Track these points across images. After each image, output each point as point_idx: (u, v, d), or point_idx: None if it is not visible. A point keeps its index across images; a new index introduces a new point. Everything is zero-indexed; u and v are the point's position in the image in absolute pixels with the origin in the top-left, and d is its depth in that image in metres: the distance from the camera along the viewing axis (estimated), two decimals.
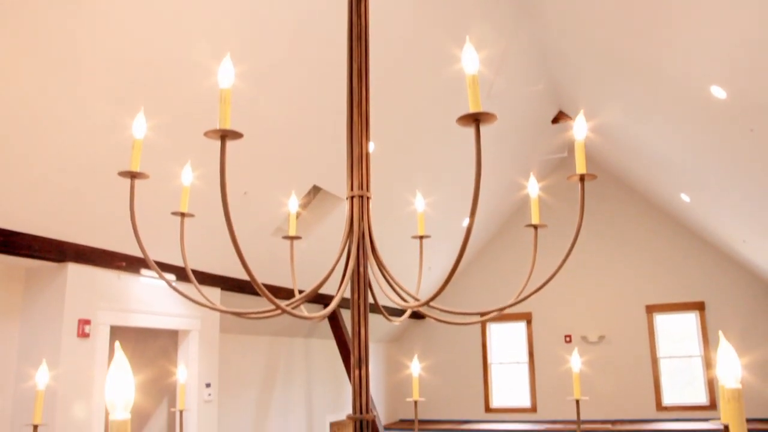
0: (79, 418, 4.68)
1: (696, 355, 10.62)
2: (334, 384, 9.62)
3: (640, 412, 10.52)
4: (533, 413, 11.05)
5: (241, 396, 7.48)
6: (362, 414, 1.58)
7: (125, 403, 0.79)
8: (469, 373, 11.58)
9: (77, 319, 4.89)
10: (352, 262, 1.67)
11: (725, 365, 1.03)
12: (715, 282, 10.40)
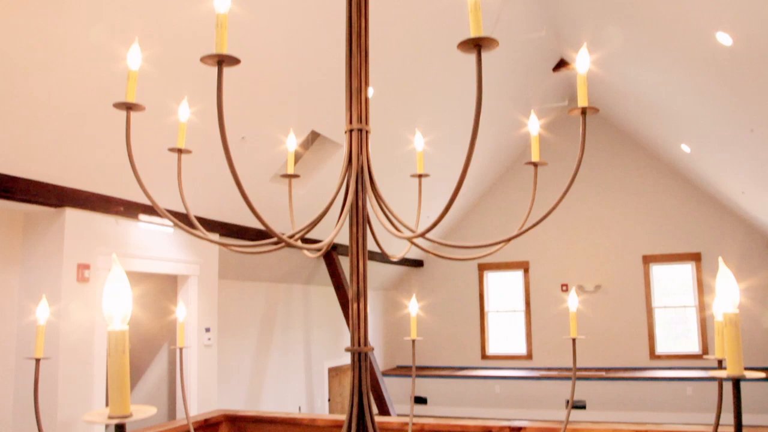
0: (82, 359, 4.74)
1: (690, 305, 10.74)
2: (333, 331, 9.74)
3: (633, 359, 10.69)
4: (529, 360, 11.24)
5: (241, 341, 7.57)
6: (360, 346, 1.59)
7: (123, 314, 0.78)
8: (466, 321, 11.72)
9: (76, 263, 4.90)
10: (351, 196, 1.65)
11: (724, 291, 1.02)
12: (712, 233, 10.44)
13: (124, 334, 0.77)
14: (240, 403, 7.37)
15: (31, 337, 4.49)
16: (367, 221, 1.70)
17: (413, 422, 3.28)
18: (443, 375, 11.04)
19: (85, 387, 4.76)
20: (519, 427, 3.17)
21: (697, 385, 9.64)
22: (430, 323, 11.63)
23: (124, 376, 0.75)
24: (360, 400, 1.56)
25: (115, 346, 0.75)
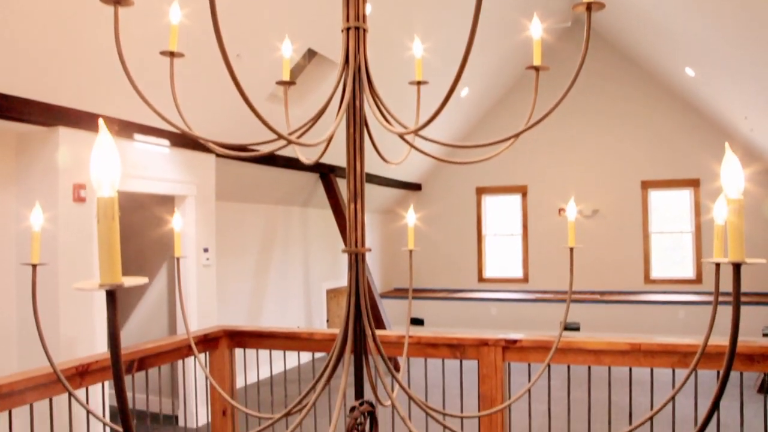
0: (82, 279, 4.77)
1: (687, 231, 10.79)
2: (331, 253, 9.81)
3: (628, 284, 10.83)
4: (525, 283, 11.39)
5: (239, 263, 7.63)
6: (357, 247, 1.58)
7: (112, 181, 0.75)
8: (463, 244, 11.81)
9: (72, 183, 4.87)
10: (348, 95, 1.61)
11: (729, 176, 0.99)
12: (711, 159, 10.37)
13: (113, 200, 0.74)
14: (239, 322, 7.49)
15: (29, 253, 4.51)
16: (364, 122, 1.66)
17: (410, 335, 3.32)
18: (440, 297, 11.20)
19: (86, 305, 4.81)
20: (515, 340, 3.21)
21: (689, 309, 9.80)
22: (428, 247, 11.72)
23: (113, 244, 0.73)
24: (357, 301, 1.56)
25: (104, 213, 0.73)
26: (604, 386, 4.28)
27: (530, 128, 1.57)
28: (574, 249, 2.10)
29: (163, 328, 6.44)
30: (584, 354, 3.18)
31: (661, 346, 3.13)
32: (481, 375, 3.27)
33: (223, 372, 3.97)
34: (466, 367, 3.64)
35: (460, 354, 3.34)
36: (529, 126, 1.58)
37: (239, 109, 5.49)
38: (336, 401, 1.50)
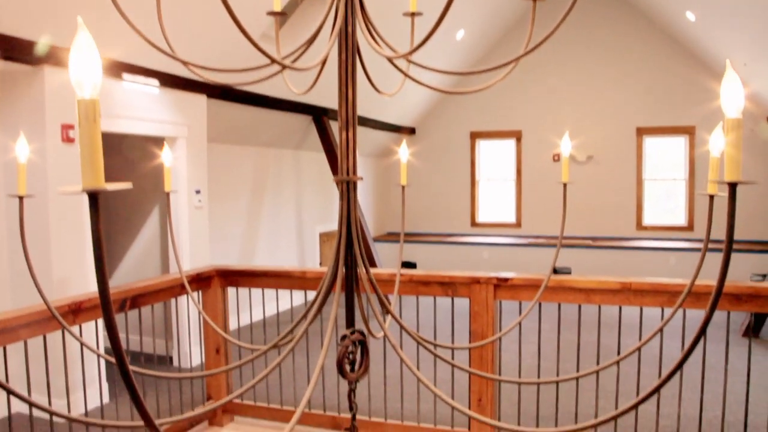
0: (73, 219, 4.74)
1: (680, 179, 10.79)
2: (324, 196, 9.79)
3: (620, 230, 10.89)
4: (518, 228, 11.44)
5: (231, 205, 7.61)
6: (349, 175, 1.56)
7: (93, 83, 0.73)
8: (456, 189, 11.80)
9: (60, 124, 4.79)
10: (340, 20, 1.56)
11: (729, 94, 0.97)
12: (708, 107, 10.30)
13: (94, 102, 0.72)
14: (232, 263, 7.51)
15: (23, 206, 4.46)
16: (356, 49, 1.62)
17: (402, 273, 3.34)
18: (433, 241, 11.25)
19: (78, 246, 4.80)
20: (506, 278, 3.24)
21: (680, 255, 9.88)
22: (421, 191, 11.71)
23: (96, 148, 0.71)
24: (348, 230, 1.55)
25: (85, 115, 0.71)
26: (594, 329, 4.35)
27: (527, 54, 1.53)
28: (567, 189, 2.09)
29: (155, 270, 6.45)
30: (575, 293, 3.21)
31: (651, 286, 3.16)
32: (473, 312, 3.30)
33: (216, 311, 4.00)
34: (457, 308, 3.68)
35: (452, 292, 3.36)
36: (526, 52, 1.54)
37: (228, 51, 5.37)
38: (327, 330, 1.50)
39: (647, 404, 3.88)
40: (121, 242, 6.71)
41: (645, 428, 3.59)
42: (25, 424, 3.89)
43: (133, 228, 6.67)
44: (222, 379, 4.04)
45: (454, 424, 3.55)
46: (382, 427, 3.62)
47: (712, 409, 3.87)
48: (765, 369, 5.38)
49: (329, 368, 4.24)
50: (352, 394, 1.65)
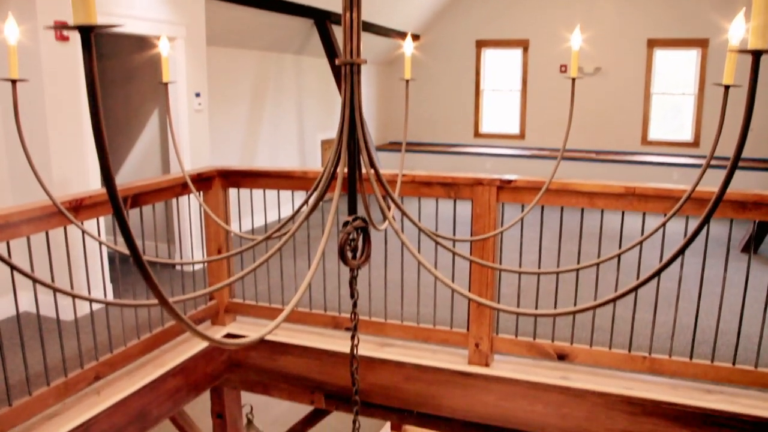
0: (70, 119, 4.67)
1: (690, 93, 10.57)
2: (326, 103, 9.64)
3: (625, 144, 10.77)
4: (521, 140, 11.32)
5: (232, 109, 7.49)
6: (353, 58, 1.50)
7: None
8: (460, 99, 11.60)
9: (53, 20, 4.63)
10: None
11: None
12: (722, 18, 9.96)
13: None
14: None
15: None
16: None
17: (404, 173, 3.31)
18: (435, 151, 11.17)
19: (77, 147, 4.74)
20: (509, 180, 3.21)
21: (684, 171, 9.80)
22: (425, 101, 11.54)
23: None
24: (352, 114, 1.50)
25: None
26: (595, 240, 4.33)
27: None
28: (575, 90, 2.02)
29: (156, 173, 6.42)
30: (578, 196, 3.18)
31: (655, 191, 3.13)
32: (475, 215, 3.29)
33: (218, 212, 3.99)
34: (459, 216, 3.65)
35: (454, 194, 3.34)
36: None
37: None
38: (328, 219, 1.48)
39: (643, 312, 3.92)
40: (121, 145, 6.65)
41: (640, 335, 3.65)
42: (32, 324, 3.96)
43: (132, 131, 6.59)
44: (224, 279, 4.08)
45: (453, 325, 3.61)
46: (382, 327, 3.68)
47: (707, 319, 3.92)
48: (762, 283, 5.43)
49: (331, 271, 4.27)
50: (353, 281, 1.64)
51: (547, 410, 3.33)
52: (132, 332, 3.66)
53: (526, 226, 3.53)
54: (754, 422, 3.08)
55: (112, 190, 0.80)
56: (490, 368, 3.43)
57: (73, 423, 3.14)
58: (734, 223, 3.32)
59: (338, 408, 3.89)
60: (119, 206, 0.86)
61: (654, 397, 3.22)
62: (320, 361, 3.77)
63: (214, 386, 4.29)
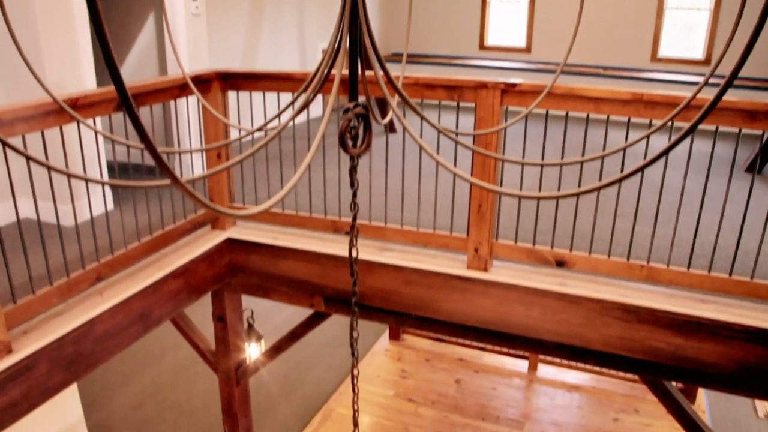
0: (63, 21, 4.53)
1: (704, 8, 10.23)
2: (327, 11, 9.38)
3: (634, 61, 10.54)
4: (527, 54, 11.06)
5: (231, 15, 7.28)
6: None
7: None
8: (465, 8, 11.26)
9: None
10: None
11: None
12: None
13: None
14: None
15: None
16: None
17: (406, 75, 3.23)
18: (438, 63, 10.95)
19: (71, 50, 4.62)
20: (514, 83, 3.13)
21: (693, 89, 9.61)
22: (428, 11, 11.22)
23: None
24: None
25: None
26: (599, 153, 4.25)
27: None
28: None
29: (153, 74, 6.30)
30: (584, 101, 3.12)
31: (663, 98, 3.06)
32: (478, 118, 3.23)
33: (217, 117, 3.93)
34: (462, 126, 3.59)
35: (458, 96, 3.27)
36: None
37: None
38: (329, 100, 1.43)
39: (643, 225, 3.93)
40: (117, 50, 6.50)
41: (639, 246, 3.66)
42: (32, 230, 3.97)
43: (128, 35, 6.43)
44: (224, 184, 4.06)
45: (453, 230, 3.61)
46: (382, 231, 3.69)
47: (706, 234, 3.93)
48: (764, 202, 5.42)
49: (331, 180, 4.26)
50: (353, 171, 1.61)
51: (543, 315, 3.38)
52: (133, 237, 3.68)
53: (529, 140, 3.49)
54: (746, 331, 3.13)
55: (115, 75, 0.76)
56: (489, 273, 3.45)
57: (76, 322, 3.19)
58: (740, 143, 3.27)
59: (337, 311, 3.96)
60: (124, 91, 0.83)
61: (649, 305, 3.26)
62: (320, 264, 3.80)
63: (215, 290, 4.35)
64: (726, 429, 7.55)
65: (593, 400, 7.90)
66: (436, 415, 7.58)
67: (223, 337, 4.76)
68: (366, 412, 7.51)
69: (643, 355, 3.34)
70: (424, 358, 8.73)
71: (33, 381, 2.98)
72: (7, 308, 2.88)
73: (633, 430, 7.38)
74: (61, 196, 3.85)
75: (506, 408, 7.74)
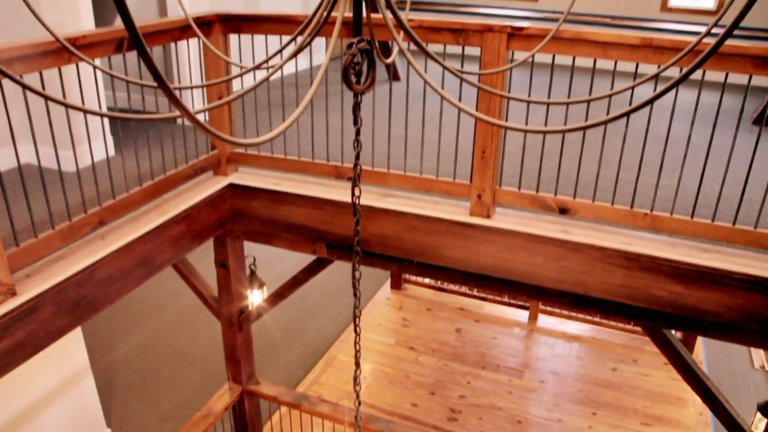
0: None
1: None
2: None
3: (643, 10, 10.33)
4: (534, 2, 10.86)
5: None
6: None
7: None
8: None
9: None
10: None
11: None
12: None
13: None
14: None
15: None
16: None
17: (410, 19, 3.17)
18: (442, 10, 10.76)
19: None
20: (521, 27, 3.07)
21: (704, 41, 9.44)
22: None
23: None
24: None
25: None
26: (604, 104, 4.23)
27: None
28: None
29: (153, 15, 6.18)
30: (591, 46, 3.06)
31: (672, 42, 3.00)
32: (483, 62, 3.17)
33: (218, 59, 3.87)
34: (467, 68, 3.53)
35: (463, 40, 3.21)
36: None
37: None
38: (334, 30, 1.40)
39: (647, 176, 3.90)
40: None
41: (643, 196, 3.64)
42: (33, 176, 3.95)
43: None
44: (225, 129, 4.02)
45: (456, 177, 3.59)
46: (384, 177, 3.66)
47: (710, 185, 3.90)
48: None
49: (334, 127, 4.21)
50: (357, 108, 1.58)
51: (545, 262, 3.38)
52: (134, 183, 3.66)
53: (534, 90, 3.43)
54: (748, 280, 3.13)
55: (124, 11, 0.73)
56: (492, 220, 3.44)
57: (79, 265, 3.20)
58: (749, 95, 3.22)
59: (339, 257, 3.96)
60: (133, 27, 0.80)
61: (651, 253, 3.25)
62: (322, 210, 3.79)
63: (217, 236, 4.35)
64: (723, 380, 7.65)
65: (592, 350, 7.99)
66: (437, 363, 7.69)
67: (226, 284, 4.79)
68: (367, 360, 7.62)
69: (644, 303, 3.35)
70: (425, 308, 8.81)
71: (37, 323, 3.01)
72: (9, 251, 2.88)
73: (631, 379, 7.49)
74: (62, 142, 3.82)
75: (506, 357, 7.84)
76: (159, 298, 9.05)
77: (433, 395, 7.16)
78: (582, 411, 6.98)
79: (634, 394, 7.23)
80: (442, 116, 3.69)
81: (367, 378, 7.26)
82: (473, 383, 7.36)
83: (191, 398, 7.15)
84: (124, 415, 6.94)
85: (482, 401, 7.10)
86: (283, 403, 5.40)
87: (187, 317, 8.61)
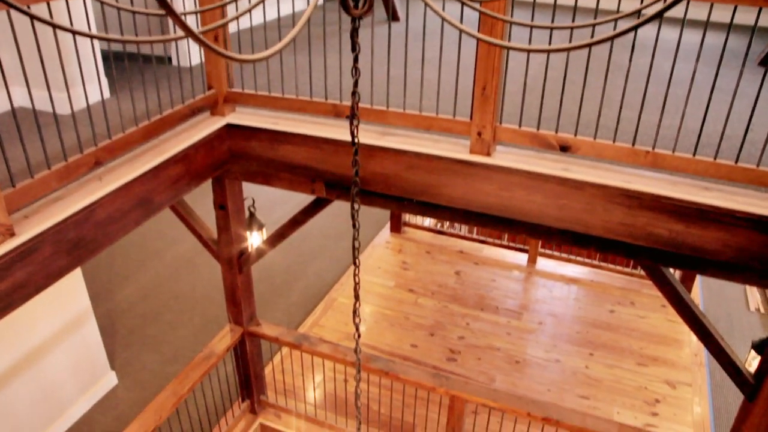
0: None
1: None
2: None
3: None
4: None
5: None
6: None
7: None
8: None
9: None
10: None
11: None
12: None
13: None
14: None
15: None
16: None
17: None
18: None
19: None
20: None
21: None
22: None
23: None
24: None
25: None
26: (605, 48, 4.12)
27: None
28: None
29: None
30: None
31: None
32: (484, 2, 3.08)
33: None
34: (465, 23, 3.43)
35: None
36: None
37: None
38: None
39: (649, 115, 3.85)
40: None
41: (645, 135, 3.60)
42: (28, 119, 3.89)
43: None
44: (222, 69, 3.95)
45: (456, 115, 3.54)
46: (383, 115, 3.61)
47: (713, 125, 3.86)
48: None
49: (332, 66, 4.14)
50: (354, 33, 1.53)
51: (546, 201, 3.37)
52: (130, 124, 3.61)
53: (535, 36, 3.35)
54: (748, 218, 3.11)
55: None
56: (492, 158, 3.41)
57: (77, 206, 3.18)
58: (756, 37, 3.14)
59: (339, 197, 3.94)
60: None
61: (652, 191, 3.23)
62: (321, 150, 3.75)
63: (215, 176, 4.32)
64: (719, 321, 7.75)
65: (590, 292, 8.07)
66: (436, 305, 7.77)
67: (225, 225, 4.79)
68: (367, 302, 7.70)
69: (644, 242, 3.34)
70: (424, 251, 8.85)
71: (37, 264, 3.01)
72: (6, 192, 2.86)
73: (628, 321, 7.58)
74: (56, 84, 3.75)
75: (505, 299, 7.92)
76: (159, 244, 9.08)
77: (433, 336, 7.26)
78: (579, 352, 7.09)
79: (631, 336, 7.33)
80: (442, 54, 3.62)
81: (368, 320, 7.34)
82: (472, 324, 7.45)
83: (193, 341, 7.25)
84: (127, 358, 7.04)
85: (481, 342, 7.20)
86: (283, 343, 5.46)
87: (187, 262, 8.66)
